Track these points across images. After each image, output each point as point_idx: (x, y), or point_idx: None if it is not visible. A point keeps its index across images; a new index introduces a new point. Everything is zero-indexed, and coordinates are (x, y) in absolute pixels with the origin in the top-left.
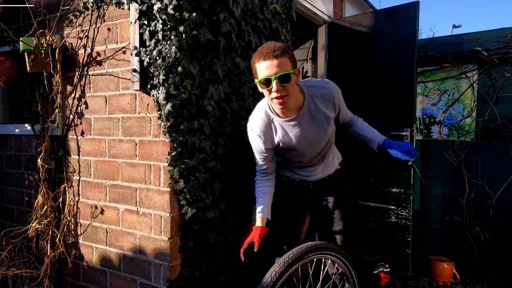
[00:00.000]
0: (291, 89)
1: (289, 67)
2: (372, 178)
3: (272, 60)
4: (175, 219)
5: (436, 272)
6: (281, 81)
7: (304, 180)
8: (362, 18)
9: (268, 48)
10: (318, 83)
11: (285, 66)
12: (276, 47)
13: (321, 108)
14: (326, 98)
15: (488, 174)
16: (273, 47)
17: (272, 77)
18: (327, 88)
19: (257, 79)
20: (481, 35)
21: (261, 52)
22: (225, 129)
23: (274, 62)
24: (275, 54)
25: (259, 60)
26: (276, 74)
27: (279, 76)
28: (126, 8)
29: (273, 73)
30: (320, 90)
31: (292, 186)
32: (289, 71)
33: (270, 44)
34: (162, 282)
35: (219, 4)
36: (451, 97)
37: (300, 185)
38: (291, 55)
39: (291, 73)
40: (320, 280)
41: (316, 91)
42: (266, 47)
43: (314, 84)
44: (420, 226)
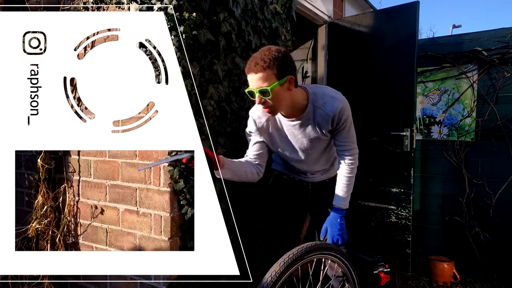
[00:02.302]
0: (276, 98)
1: (272, 80)
2: (372, 178)
3: (253, 74)
4: (175, 219)
5: (436, 272)
6: (263, 95)
7: (303, 180)
8: (362, 18)
9: (253, 61)
10: (329, 93)
11: (267, 80)
12: (261, 59)
13: (319, 120)
14: (326, 111)
15: (488, 174)
16: (257, 59)
17: (254, 90)
18: (332, 100)
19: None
20: (481, 35)
21: (248, 63)
22: (225, 129)
23: (255, 76)
24: (256, 68)
25: (246, 71)
26: (257, 88)
27: (260, 90)
28: (126, 8)
29: (254, 87)
30: (325, 99)
31: (292, 185)
32: (271, 86)
33: (258, 54)
34: (162, 282)
35: (219, 4)
36: (451, 97)
37: (299, 184)
38: (280, 65)
39: (271, 88)
40: (320, 280)
41: (320, 99)
42: (252, 58)
43: (326, 92)
44: (420, 226)
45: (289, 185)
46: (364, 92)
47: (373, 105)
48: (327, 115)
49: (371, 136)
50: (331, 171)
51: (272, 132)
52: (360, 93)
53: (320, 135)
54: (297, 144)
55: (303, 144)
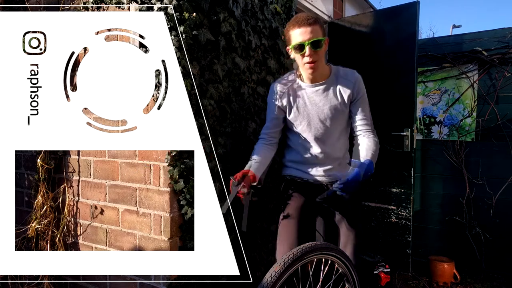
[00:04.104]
0: (321, 55)
1: (320, 34)
2: (372, 178)
3: (306, 27)
4: (175, 219)
5: (437, 272)
6: (314, 47)
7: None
8: (362, 18)
9: (302, 17)
10: (344, 68)
11: (318, 33)
12: (309, 16)
13: (341, 86)
14: (348, 79)
15: (488, 174)
16: (306, 16)
17: (306, 43)
18: (352, 72)
19: (290, 45)
20: (481, 35)
21: (295, 20)
22: (225, 129)
23: (308, 29)
24: (309, 22)
25: (293, 28)
26: (310, 40)
27: (312, 41)
28: (126, 8)
29: (307, 39)
30: (345, 70)
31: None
32: (321, 38)
33: (303, 14)
34: (162, 282)
35: (219, 4)
36: (451, 97)
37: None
38: (322, 24)
39: (322, 40)
40: (320, 280)
41: (341, 70)
42: (300, 16)
43: (341, 68)
44: (421, 226)
45: (303, 188)
46: None
47: (373, 105)
48: (349, 82)
49: None
50: (346, 167)
51: (292, 100)
52: None
53: (340, 103)
54: (317, 113)
55: (323, 112)
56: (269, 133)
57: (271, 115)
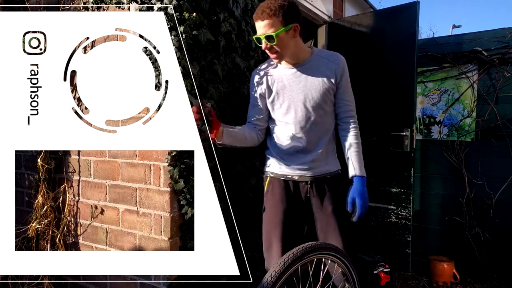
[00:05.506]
0: (282, 45)
1: (277, 27)
2: (372, 178)
3: (260, 22)
4: (175, 219)
5: (436, 272)
6: (269, 41)
7: (303, 179)
8: (362, 18)
9: (260, 9)
10: (328, 50)
11: (273, 26)
12: (267, 7)
13: (324, 68)
14: (331, 60)
15: (488, 174)
16: (264, 8)
17: (261, 37)
18: (336, 54)
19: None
20: (481, 35)
21: (256, 11)
22: None
23: (261, 23)
24: (262, 16)
25: (254, 20)
26: (263, 35)
27: (266, 36)
28: (126, 8)
29: (261, 34)
30: (328, 52)
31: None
32: (276, 32)
33: (265, 3)
34: (162, 282)
35: (219, 4)
36: (451, 97)
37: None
38: (285, 12)
39: (277, 34)
40: (320, 280)
41: (324, 52)
42: (260, 6)
43: (324, 50)
44: (420, 226)
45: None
46: (364, 92)
47: (373, 105)
48: (332, 63)
49: (371, 136)
50: (331, 164)
51: (271, 84)
52: (360, 93)
53: (322, 84)
54: (297, 95)
55: (303, 93)
56: (252, 121)
57: (253, 102)
